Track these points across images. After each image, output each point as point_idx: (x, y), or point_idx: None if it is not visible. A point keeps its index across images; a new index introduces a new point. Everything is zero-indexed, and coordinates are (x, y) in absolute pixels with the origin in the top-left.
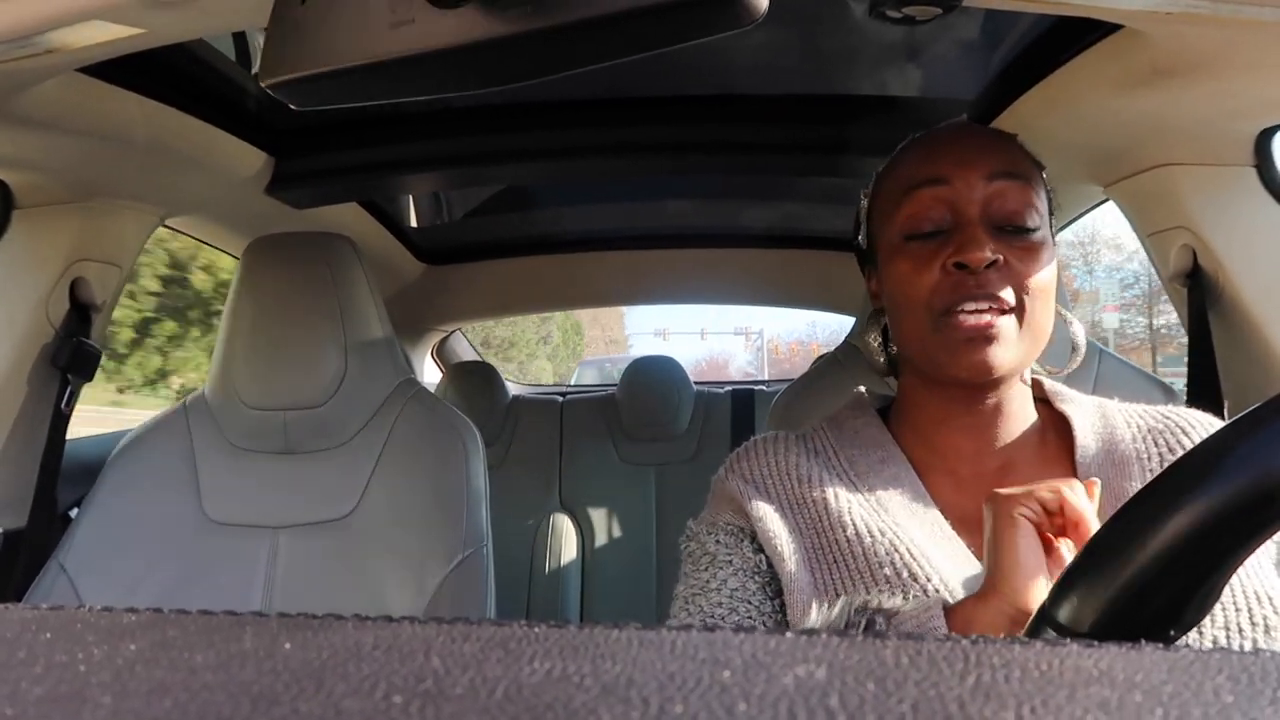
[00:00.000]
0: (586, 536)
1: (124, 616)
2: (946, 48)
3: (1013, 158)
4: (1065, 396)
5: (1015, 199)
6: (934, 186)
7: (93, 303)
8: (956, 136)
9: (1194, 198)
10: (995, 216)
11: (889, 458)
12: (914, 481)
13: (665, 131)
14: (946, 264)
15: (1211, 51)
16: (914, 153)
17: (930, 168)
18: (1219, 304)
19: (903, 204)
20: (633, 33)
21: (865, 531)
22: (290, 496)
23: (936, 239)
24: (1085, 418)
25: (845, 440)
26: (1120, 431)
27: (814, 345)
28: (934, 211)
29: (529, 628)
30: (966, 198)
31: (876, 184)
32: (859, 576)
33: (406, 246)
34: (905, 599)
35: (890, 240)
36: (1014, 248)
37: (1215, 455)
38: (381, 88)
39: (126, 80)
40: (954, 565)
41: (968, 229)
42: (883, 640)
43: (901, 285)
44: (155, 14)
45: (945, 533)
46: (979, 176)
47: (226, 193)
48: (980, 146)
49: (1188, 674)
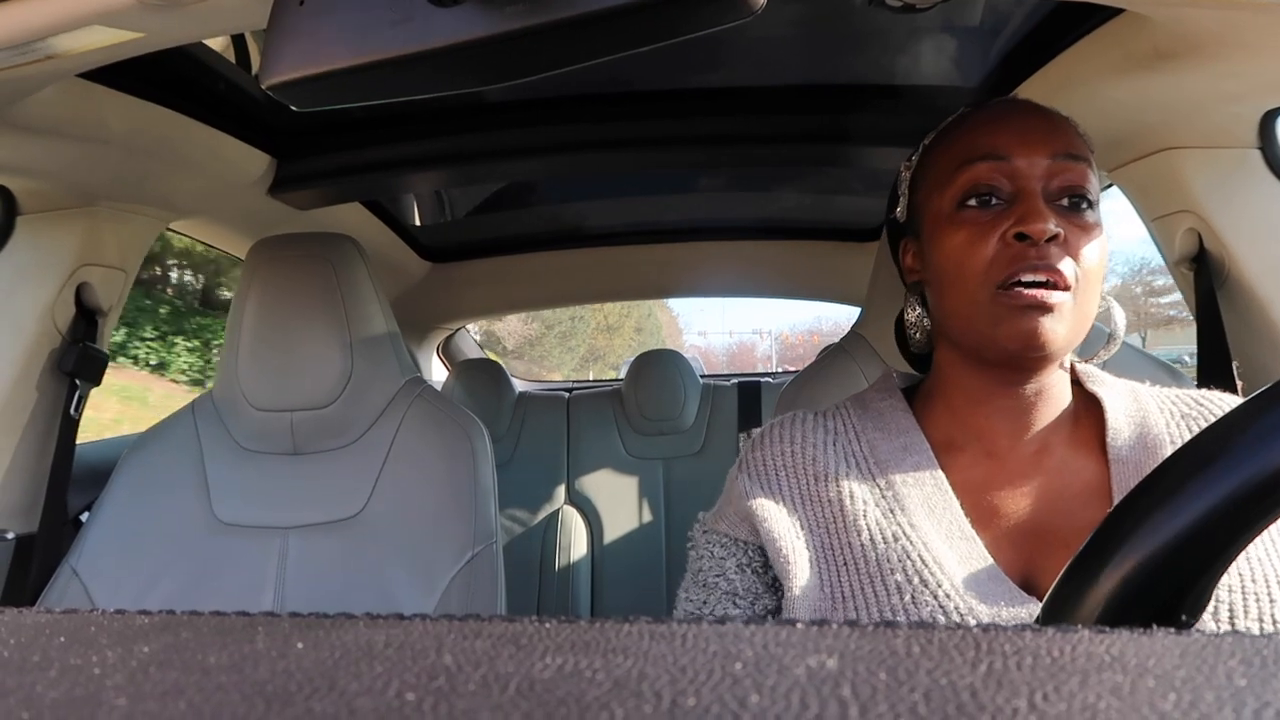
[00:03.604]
0: (596, 531)
1: (137, 619)
2: (948, 35)
3: (1072, 139)
4: (1097, 378)
5: (1077, 177)
6: (995, 161)
7: (98, 307)
8: (1019, 113)
9: (1199, 181)
10: (1056, 192)
11: (912, 445)
12: (936, 475)
13: (667, 126)
14: (1007, 235)
15: (1214, 34)
16: (973, 126)
17: (992, 141)
18: (1226, 286)
19: (959, 175)
20: (631, 28)
21: (880, 537)
22: (299, 497)
23: (994, 209)
24: (1118, 401)
25: (869, 422)
26: (1153, 416)
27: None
28: (994, 181)
29: (540, 623)
30: (1028, 174)
31: (924, 155)
32: (868, 581)
33: (410, 245)
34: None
35: (941, 210)
36: (1073, 224)
37: (1224, 439)
38: (382, 87)
39: (127, 85)
40: (967, 567)
41: (1030, 200)
42: (894, 629)
43: (956, 255)
44: (154, 18)
45: (963, 531)
46: (1042, 156)
47: (230, 195)
48: (1044, 127)
49: (1200, 658)
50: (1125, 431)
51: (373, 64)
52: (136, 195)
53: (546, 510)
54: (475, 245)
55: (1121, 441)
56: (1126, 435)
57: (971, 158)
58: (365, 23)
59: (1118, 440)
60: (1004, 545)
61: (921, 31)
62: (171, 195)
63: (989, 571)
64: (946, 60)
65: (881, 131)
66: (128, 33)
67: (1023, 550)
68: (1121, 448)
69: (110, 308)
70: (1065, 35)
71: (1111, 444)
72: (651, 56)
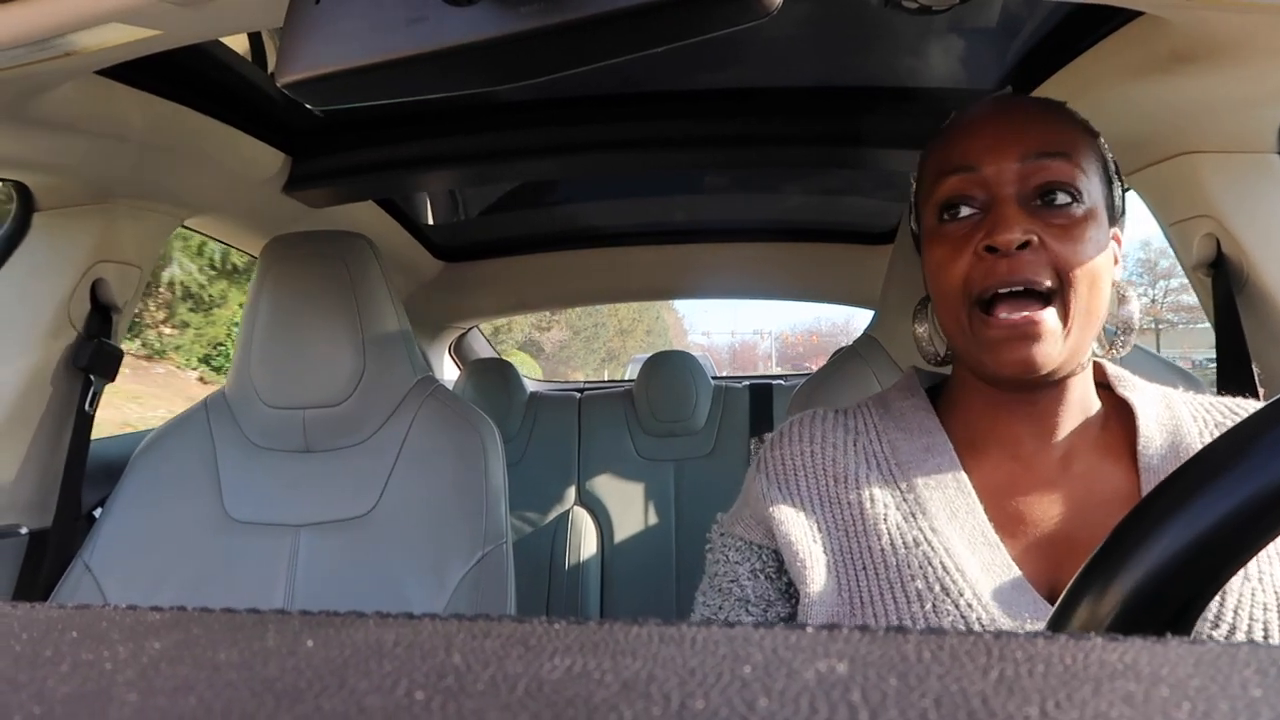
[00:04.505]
0: (606, 532)
1: (148, 615)
2: (965, 37)
3: (1051, 134)
4: (1128, 382)
5: (1053, 173)
6: (965, 173)
7: (113, 303)
8: (991, 117)
9: (1217, 186)
10: (1031, 193)
11: (934, 447)
12: (959, 477)
13: (682, 126)
14: (979, 247)
15: (1234, 37)
16: (950, 136)
17: (961, 151)
18: (1245, 292)
19: (937, 187)
20: (646, 28)
21: (900, 542)
22: (310, 495)
23: (970, 220)
24: (1150, 407)
25: (890, 422)
26: (1186, 425)
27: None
28: (968, 191)
29: (549, 624)
30: (997, 180)
31: (920, 164)
32: (888, 587)
33: (423, 244)
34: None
35: (929, 224)
36: (1051, 225)
37: (1239, 447)
38: (397, 86)
39: (144, 82)
40: (990, 576)
41: (999, 208)
42: (904, 635)
43: (936, 271)
44: (172, 15)
45: (986, 537)
46: (1011, 160)
47: (244, 193)
48: (1016, 126)
49: (1214, 667)
50: (1157, 440)
51: (387, 63)
52: (152, 192)
53: (557, 511)
54: (488, 245)
55: (1153, 450)
56: (1159, 444)
57: (945, 170)
58: (380, 22)
59: (1149, 449)
60: (1029, 553)
61: (937, 33)
62: (187, 192)
63: (1013, 581)
64: (962, 62)
65: (896, 134)
66: (146, 30)
67: (1048, 559)
68: (1153, 456)
69: (125, 303)
70: (1082, 38)
71: (1143, 452)
72: (666, 57)
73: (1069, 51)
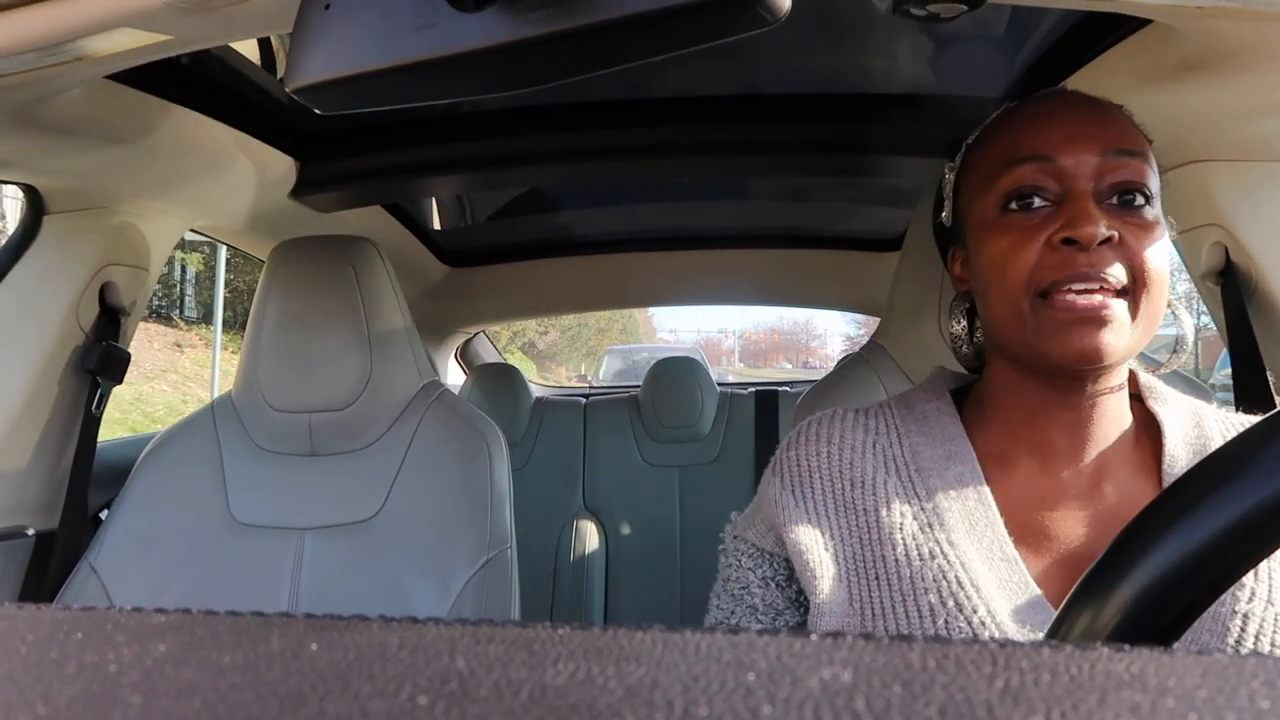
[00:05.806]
0: (610, 538)
1: (153, 617)
2: (973, 45)
3: (1126, 132)
4: (1159, 395)
5: (1131, 172)
6: (1040, 162)
7: (121, 306)
8: (1065, 108)
9: (1226, 194)
10: (1108, 190)
11: (956, 455)
12: (980, 488)
13: (689, 133)
14: (1053, 239)
15: (1243, 46)
16: (1016, 123)
17: (1036, 140)
18: (1254, 301)
19: (1002, 177)
20: (655, 34)
21: (915, 554)
22: (315, 498)
23: (1040, 212)
24: (1178, 424)
25: (913, 425)
26: (1214, 444)
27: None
28: (1040, 182)
29: (553, 629)
30: (1076, 173)
31: (967, 155)
32: (900, 599)
33: (430, 249)
34: (947, 628)
35: (984, 214)
36: (1128, 224)
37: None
38: (406, 91)
39: (154, 87)
40: (1006, 593)
41: (1078, 201)
42: (909, 643)
43: (998, 261)
44: (182, 21)
45: (1005, 552)
46: (1091, 153)
47: (252, 197)
48: (1093, 121)
49: (1222, 679)
50: (1183, 458)
51: (397, 68)
52: (161, 196)
53: (562, 516)
54: (494, 250)
55: (1178, 470)
56: (1184, 464)
57: (1014, 159)
58: (390, 27)
59: (1174, 467)
60: (1050, 570)
61: (946, 41)
62: (195, 196)
63: (1031, 600)
64: (971, 70)
65: (904, 141)
66: (156, 35)
67: (1071, 578)
68: (1177, 475)
69: (133, 307)
70: (1091, 46)
71: (1168, 471)
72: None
73: (1077, 59)
